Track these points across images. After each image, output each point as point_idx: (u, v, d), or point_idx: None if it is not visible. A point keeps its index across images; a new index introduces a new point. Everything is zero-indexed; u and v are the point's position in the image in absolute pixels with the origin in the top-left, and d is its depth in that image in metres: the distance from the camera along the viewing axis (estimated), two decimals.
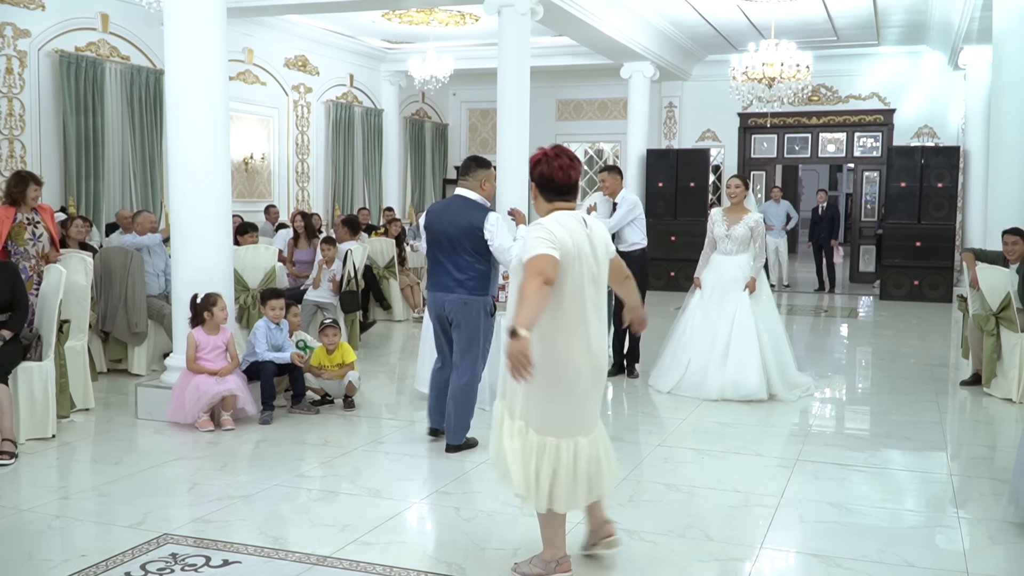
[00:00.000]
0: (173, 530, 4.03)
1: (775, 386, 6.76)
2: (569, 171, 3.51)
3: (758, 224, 7.00)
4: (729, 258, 7.02)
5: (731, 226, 7.00)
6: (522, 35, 9.59)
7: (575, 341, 3.37)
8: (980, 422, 6.48)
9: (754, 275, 6.94)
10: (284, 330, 6.34)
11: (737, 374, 6.71)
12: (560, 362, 3.35)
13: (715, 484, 4.81)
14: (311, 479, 4.86)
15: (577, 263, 3.35)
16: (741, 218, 6.99)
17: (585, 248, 3.39)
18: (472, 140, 18.52)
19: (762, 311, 6.94)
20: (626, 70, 14.57)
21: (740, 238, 6.97)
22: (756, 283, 6.92)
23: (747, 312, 6.84)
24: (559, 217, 3.43)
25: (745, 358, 6.73)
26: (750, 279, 6.91)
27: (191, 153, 6.05)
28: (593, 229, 3.49)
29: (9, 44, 9.60)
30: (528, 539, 3.95)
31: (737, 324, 6.83)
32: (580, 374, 3.39)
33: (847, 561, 3.75)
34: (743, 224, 6.97)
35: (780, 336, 7.06)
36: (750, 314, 6.84)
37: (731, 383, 6.71)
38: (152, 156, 11.01)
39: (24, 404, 5.36)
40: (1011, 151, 8.73)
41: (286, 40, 13.81)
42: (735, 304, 6.89)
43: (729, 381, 6.71)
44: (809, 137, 16.20)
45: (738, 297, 6.89)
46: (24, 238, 6.47)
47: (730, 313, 6.88)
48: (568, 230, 3.36)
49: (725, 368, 6.76)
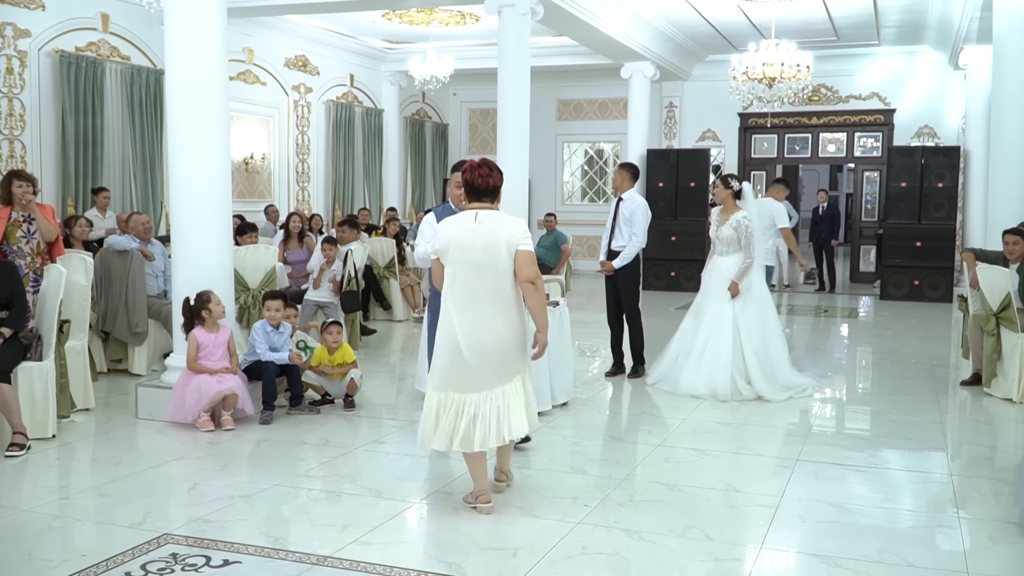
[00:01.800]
0: (173, 530, 4.03)
1: (759, 387, 6.78)
2: (487, 178, 4.30)
3: (739, 223, 6.91)
4: (722, 259, 7.06)
5: (719, 227, 7.06)
6: (522, 35, 9.59)
7: (458, 317, 4.21)
8: (980, 422, 6.48)
9: (736, 279, 6.89)
10: (285, 333, 6.33)
11: (708, 374, 6.82)
12: (447, 331, 4.23)
13: (715, 484, 4.81)
14: (311, 479, 4.86)
15: (456, 253, 4.21)
16: (728, 218, 7.01)
17: (465, 241, 4.20)
18: (472, 140, 18.53)
19: (750, 312, 6.94)
20: (626, 70, 14.58)
21: (727, 239, 7.00)
22: (739, 286, 6.88)
23: (728, 315, 6.88)
24: (455, 217, 4.38)
25: (717, 359, 6.82)
26: (731, 283, 6.90)
27: (191, 153, 6.05)
28: (481, 226, 4.23)
29: (9, 44, 9.61)
30: (528, 538, 3.95)
31: (715, 326, 6.91)
32: (459, 342, 4.19)
33: (847, 561, 3.75)
34: (728, 225, 6.99)
35: (772, 337, 7.05)
36: (730, 317, 6.88)
37: (702, 382, 6.82)
38: (152, 156, 11.02)
39: (24, 404, 5.36)
40: (1011, 151, 8.73)
41: (286, 40, 13.82)
42: (718, 306, 6.95)
43: (700, 380, 6.83)
44: (809, 137, 16.20)
45: (722, 299, 6.94)
46: (16, 236, 6.45)
47: (712, 315, 6.96)
48: (453, 227, 4.27)
49: (699, 367, 6.88)
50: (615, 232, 7.52)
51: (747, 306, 6.95)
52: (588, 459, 5.29)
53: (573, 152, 17.99)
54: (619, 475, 4.93)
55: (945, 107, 15.35)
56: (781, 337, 7.23)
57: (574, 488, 4.68)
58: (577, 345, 8.59)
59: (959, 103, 14.99)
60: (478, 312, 4.20)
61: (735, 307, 6.90)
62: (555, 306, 6.52)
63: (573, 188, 18.06)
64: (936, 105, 15.39)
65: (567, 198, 18.01)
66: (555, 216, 12.98)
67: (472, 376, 4.21)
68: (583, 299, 13.00)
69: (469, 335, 4.19)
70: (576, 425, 6.09)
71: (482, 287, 4.19)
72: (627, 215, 7.44)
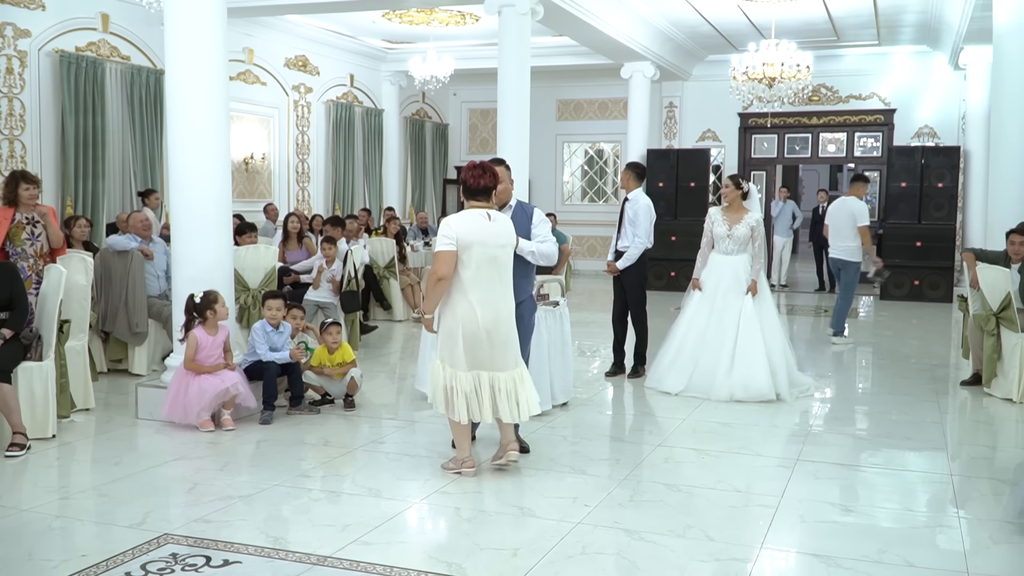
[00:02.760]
0: (173, 530, 4.03)
1: (781, 386, 6.77)
2: (479, 179, 4.73)
3: (759, 224, 6.99)
4: (729, 258, 7.00)
5: (732, 226, 6.98)
6: (522, 35, 9.59)
7: (471, 305, 4.64)
8: (980, 422, 6.48)
9: (754, 277, 6.93)
10: (285, 333, 6.33)
11: (745, 376, 6.72)
12: (458, 318, 4.67)
13: (715, 484, 4.81)
14: (311, 479, 4.86)
15: (476, 248, 4.63)
16: (742, 218, 6.97)
17: (485, 237, 4.67)
18: (472, 140, 18.53)
19: (764, 312, 6.93)
20: (626, 70, 14.58)
21: (741, 238, 6.96)
22: (757, 285, 6.92)
23: (751, 314, 6.85)
24: (465, 213, 4.75)
25: (752, 359, 6.74)
26: (752, 281, 6.91)
27: (191, 153, 6.05)
28: (496, 224, 4.73)
29: (9, 44, 9.61)
30: (528, 538, 3.95)
31: (743, 326, 6.83)
32: (476, 326, 4.65)
33: (847, 561, 3.75)
34: (744, 224, 6.95)
35: (782, 336, 7.05)
36: (755, 316, 6.84)
37: (740, 385, 6.72)
38: (152, 156, 11.02)
39: (24, 404, 5.36)
40: (1011, 151, 8.72)
41: (286, 40, 13.82)
42: (739, 306, 6.89)
43: (738, 383, 6.72)
44: (809, 137, 16.20)
45: (742, 299, 6.89)
46: (21, 238, 6.46)
47: (734, 315, 6.88)
48: (468, 223, 4.67)
49: (732, 370, 6.76)
50: (620, 232, 7.52)
51: (763, 305, 6.95)
52: (588, 459, 5.29)
53: (573, 152, 17.98)
54: (619, 475, 4.94)
55: (945, 107, 15.34)
56: (786, 336, 7.23)
57: (574, 488, 4.68)
58: (577, 345, 8.59)
59: (959, 103, 14.99)
60: (495, 300, 4.72)
61: (758, 307, 6.89)
62: (555, 306, 6.52)
63: (573, 188, 18.05)
64: (936, 105, 15.38)
65: (567, 198, 18.01)
66: (555, 216, 12.97)
67: (495, 357, 4.72)
68: (583, 299, 13.01)
69: (490, 321, 4.69)
70: (576, 425, 6.09)
71: (498, 278, 4.74)
72: (631, 216, 7.44)
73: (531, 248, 5.14)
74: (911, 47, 15.05)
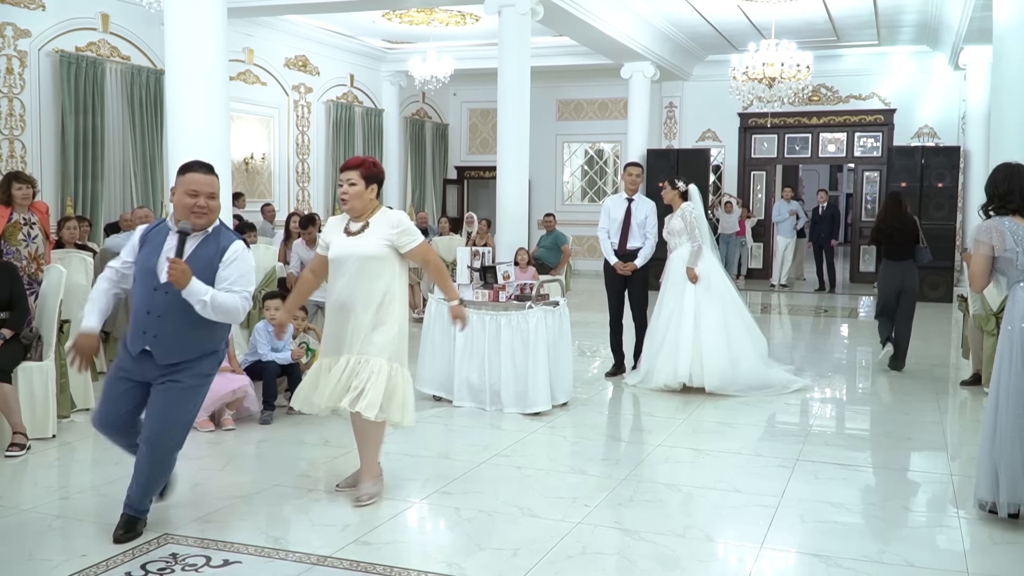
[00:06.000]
0: (173, 530, 4.03)
1: (709, 380, 6.85)
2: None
3: (684, 212, 7.11)
4: (673, 252, 7.22)
5: (667, 223, 7.25)
6: (522, 35, 9.59)
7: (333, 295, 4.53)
8: (980, 422, 6.46)
9: (690, 264, 7.01)
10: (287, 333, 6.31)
11: (672, 363, 6.92)
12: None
13: (715, 484, 4.81)
14: (312, 479, 4.86)
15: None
16: (674, 211, 7.19)
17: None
18: (472, 140, 18.54)
19: (711, 304, 6.99)
20: (626, 70, 14.58)
21: (676, 230, 7.17)
22: (695, 271, 6.99)
23: (685, 302, 7.00)
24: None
25: (678, 347, 6.92)
26: (687, 268, 7.01)
27: (191, 153, 5.96)
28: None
29: (9, 44, 9.61)
30: (528, 538, 3.95)
31: (673, 314, 7.03)
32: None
33: (847, 561, 3.75)
34: (676, 216, 7.16)
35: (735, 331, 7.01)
36: (688, 304, 6.99)
37: (668, 371, 6.93)
38: (152, 156, 11.02)
39: (24, 404, 5.36)
40: (1011, 151, 8.68)
41: (286, 40, 13.82)
42: (674, 293, 7.10)
43: (668, 370, 6.93)
44: (809, 137, 16.21)
45: (676, 287, 7.08)
46: (17, 239, 6.44)
47: (670, 304, 7.09)
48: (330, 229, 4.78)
49: (666, 357, 6.96)
50: (629, 233, 7.54)
51: (708, 297, 7.01)
52: (588, 459, 5.29)
53: (573, 152, 17.99)
54: (619, 475, 4.94)
55: (945, 107, 15.35)
56: (749, 332, 7.14)
57: (574, 488, 4.68)
58: (577, 345, 8.58)
59: (959, 103, 14.99)
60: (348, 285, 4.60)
61: (696, 297, 6.99)
62: (555, 306, 6.53)
63: (573, 188, 18.06)
64: (936, 105, 15.39)
65: (567, 198, 18.02)
66: (555, 216, 12.97)
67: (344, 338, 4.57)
68: (583, 299, 13.00)
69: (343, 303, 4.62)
70: (576, 425, 6.09)
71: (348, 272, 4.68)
72: (640, 219, 7.52)
73: (204, 296, 3.81)
74: (911, 47, 15.05)
